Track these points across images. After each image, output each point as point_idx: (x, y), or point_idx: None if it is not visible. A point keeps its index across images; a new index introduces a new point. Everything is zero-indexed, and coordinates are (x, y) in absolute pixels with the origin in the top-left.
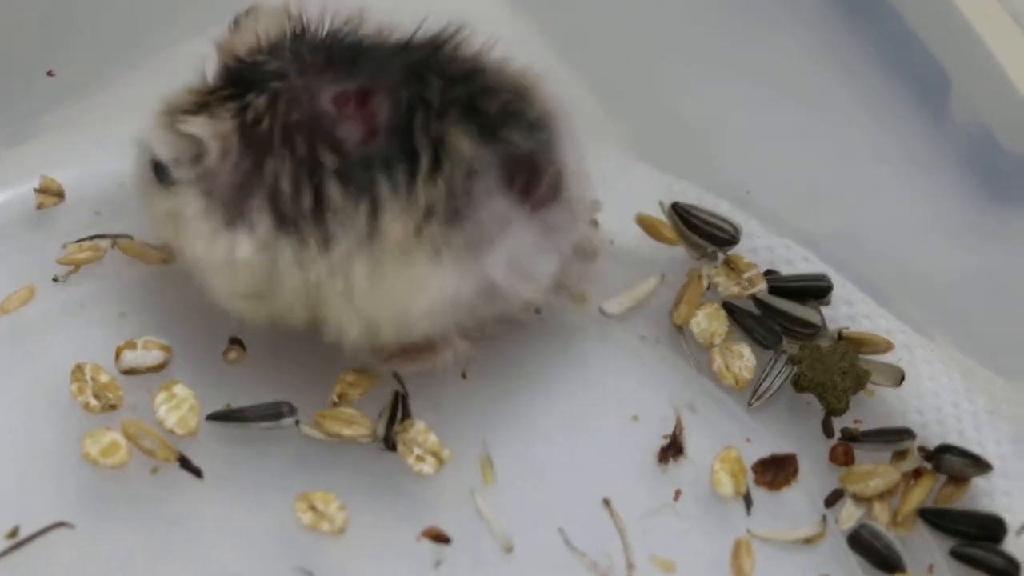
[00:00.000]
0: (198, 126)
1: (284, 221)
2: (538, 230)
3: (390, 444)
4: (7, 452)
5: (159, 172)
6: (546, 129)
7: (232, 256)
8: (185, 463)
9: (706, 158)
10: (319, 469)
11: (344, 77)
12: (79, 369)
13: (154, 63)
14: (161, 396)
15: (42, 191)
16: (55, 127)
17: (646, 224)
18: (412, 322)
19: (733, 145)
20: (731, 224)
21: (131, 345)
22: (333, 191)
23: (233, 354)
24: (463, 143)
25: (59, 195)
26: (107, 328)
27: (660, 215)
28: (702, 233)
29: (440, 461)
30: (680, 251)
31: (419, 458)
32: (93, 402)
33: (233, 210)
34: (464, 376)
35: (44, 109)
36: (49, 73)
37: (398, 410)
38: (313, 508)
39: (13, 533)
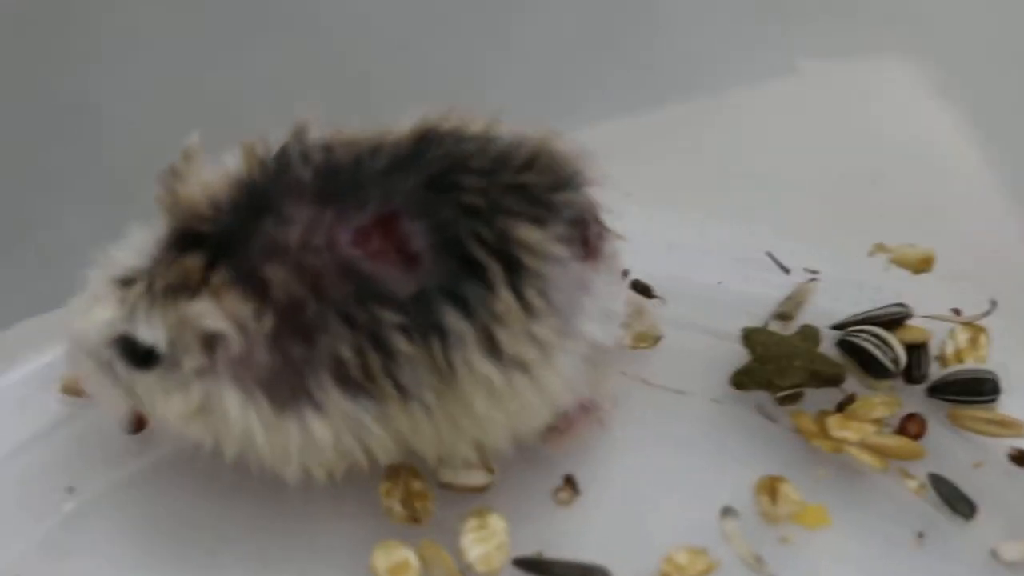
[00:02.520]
0: (212, 315)
1: (356, 387)
2: (602, 273)
3: None
4: (291, 540)
5: (135, 355)
6: (582, 180)
7: (307, 440)
8: None
9: None
10: None
11: (352, 210)
12: (394, 469)
13: None
14: (471, 523)
15: None
16: None
17: None
18: (537, 422)
19: None
20: None
21: None
22: (400, 343)
23: (564, 495)
24: (530, 232)
25: None
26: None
27: None
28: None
29: None
30: None
31: None
32: (398, 509)
33: (285, 392)
34: None
35: None
36: None
37: None
38: None
39: None
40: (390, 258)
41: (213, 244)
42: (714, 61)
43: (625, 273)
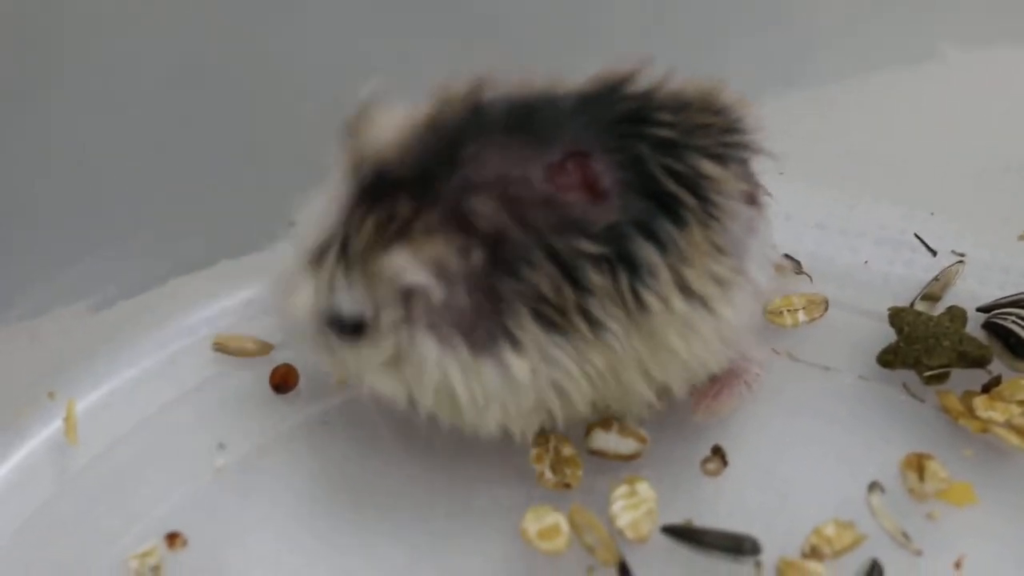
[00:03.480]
0: (411, 268)
1: (550, 323)
2: (763, 221)
3: None
4: (447, 504)
5: (344, 328)
6: (746, 131)
7: (506, 381)
8: (625, 572)
9: None
10: None
11: (542, 147)
12: (543, 435)
13: None
14: (621, 490)
15: None
16: None
17: None
18: (711, 365)
19: None
20: None
21: (606, 424)
22: (593, 276)
23: (712, 465)
24: (718, 170)
25: None
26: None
27: None
28: None
29: None
30: None
31: None
32: (548, 475)
33: (483, 334)
34: None
35: None
36: None
37: None
38: None
39: None
40: (581, 194)
41: (412, 188)
42: (865, 43)
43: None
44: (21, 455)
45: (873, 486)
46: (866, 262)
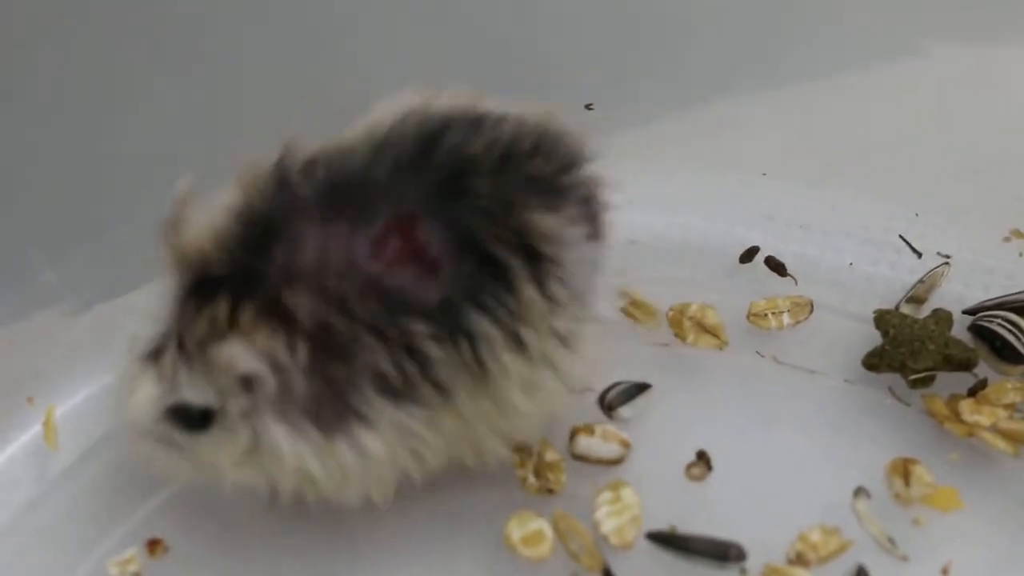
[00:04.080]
0: (244, 357)
1: (396, 394)
2: (606, 248)
3: None
4: (428, 509)
5: (192, 420)
6: (585, 157)
7: (362, 458)
8: None
9: None
10: None
11: (363, 219)
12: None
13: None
14: (605, 495)
15: None
16: None
17: None
18: (559, 412)
19: None
20: None
21: (589, 429)
22: (432, 350)
23: (697, 470)
24: (546, 220)
25: None
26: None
27: None
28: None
29: None
30: None
31: None
32: (532, 480)
33: (330, 415)
34: None
35: None
36: (588, 106)
37: None
38: None
39: None
40: (410, 266)
41: (231, 284)
42: (847, 40)
43: (755, 251)
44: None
45: (859, 491)
46: (851, 264)
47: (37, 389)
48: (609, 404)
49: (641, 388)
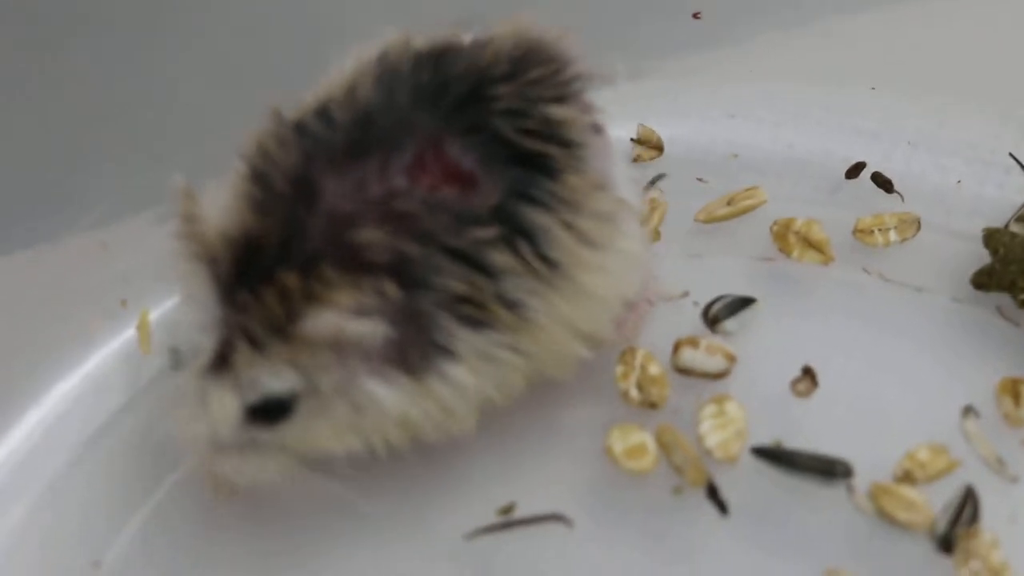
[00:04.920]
0: (336, 320)
1: (475, 323)
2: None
3: (947, 546)
4: (530, 423)
5: (273, 413)
6: (574, 61)
7: (454, 390)
8: (713, 493)
9: None
10: (856, 547)
11: (394, 153)
12: (630, 352)
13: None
14: (709, 409)
15: (640, 142)
16: (680, 72)
17: None
18: (628, 295)
19: None
20: None
21: (693, 342)
22: (498, 258)
23: (802, 386)
24: (563, 112)
25: (658, 149)
26: (675, 315)
27: None
28: None
29: None
30: None
31: (974, 574)
32: (634, 393)
33: (416, 357)
34: None
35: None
36: (695, 15)
37: (966, 509)
38: None
39: (507, 510)
40: (450, 184)
41: (282, 254)
42: None
43: (861, 167)
44: (93, 363)
45: (967, 410)
46: (959, 182)
47: (129, 293)
48: (713, 317)
49: (746, 302)
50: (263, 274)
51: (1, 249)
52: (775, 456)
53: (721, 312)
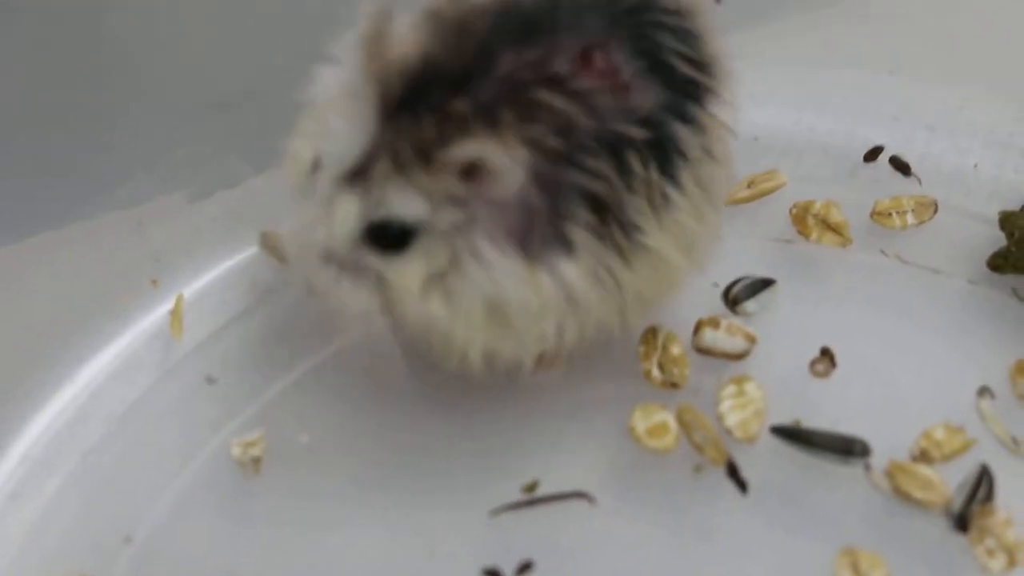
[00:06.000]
0: (488, 146)
1: (595, 230)
2: None
3: (962, 524)
4: (554, 401)
5: (390, 239)
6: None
7: (558, 288)
8: (733, 471)
9: None
10: (874, 525)
11: (566, 42)
12: (652, 332)
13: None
14: (729, 389)
15: None
16: None
17: None
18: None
19: None
20: None
21: (714, 323)
22: (636, 165)
23: (821, 366)
24: (717, 50)
25: None
26: (696, 297)
27: None
28: None
29: (1013, 563)
30: None
31: (989, 551)
32: (656, 373)
33: (537, 240)
34: None
35: None
36: (717, 1)
37: (981, 487)
38: (856, 568)
39: (531, 487)
40: (607, 84)
41: (457, 86)
42: None
43: (879, 150)
44: (125, 341)
45: (983, 391)
46: (975, 165)
47: (160, 272)
48: (734, 298)
49: (766, 283)
50: (431, 101)
51: (34, 228)
52: (794, 435)
53: (741, 293)
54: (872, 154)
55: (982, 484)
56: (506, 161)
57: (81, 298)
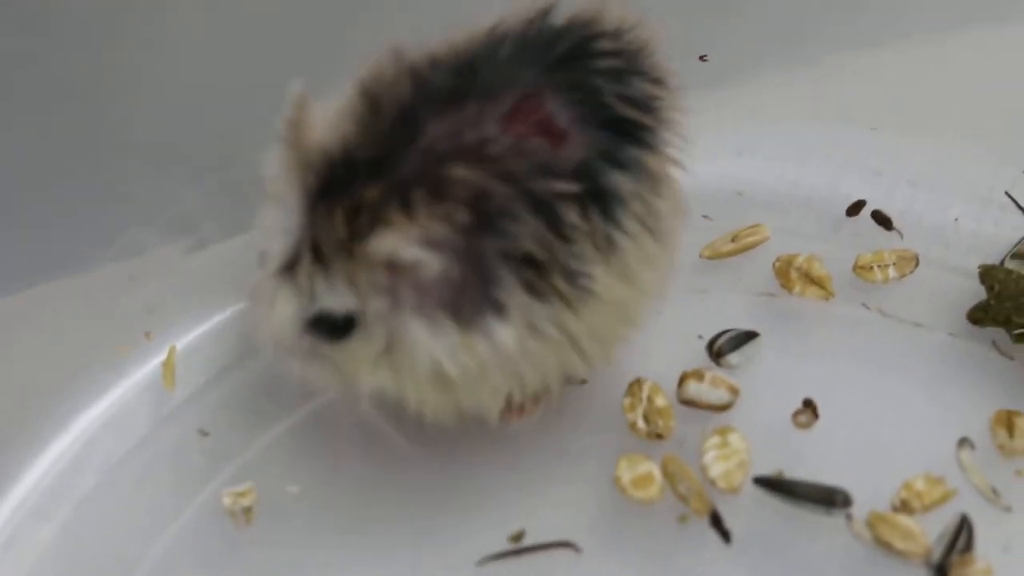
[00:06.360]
0: (400, 240)
1: (532, 289)
2: None
3: (942, 574)
4: (540, 450)
5: (333, 327)
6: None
7: (495, 353)
8: (716, 521)
9: None
10: (855, 574)
11: (491, 102)
12: (637, 384)
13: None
14: (713, 440)
15: None
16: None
17: None
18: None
19: None
20: None
21: (698, 375)
22: (571, 217)
23: (804, 418)
24: (660, 91)
25: None
26: (680, 349)
27: None
28: None
29: None
30: None
31: None
32: (641, 424)
33: (468, 307)
34: None
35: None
36: (701, 58)
37: (960, 537)
38: None
39: (518, 537)
40: (541, 139)
41: (370, 171)
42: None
43: (862, 205)
44: (119, 392)
45: (963, 442)
46: (956, 219)
47: (154, 325)
48: (718, 351)
49: (750, 336)
50: (346, 189)
51: (30, 280)
52: (777, 486)
53: (725, 346)
54: (855, 208)
55: (962, 534)
56: (419, 253)
57: (76, 349)
